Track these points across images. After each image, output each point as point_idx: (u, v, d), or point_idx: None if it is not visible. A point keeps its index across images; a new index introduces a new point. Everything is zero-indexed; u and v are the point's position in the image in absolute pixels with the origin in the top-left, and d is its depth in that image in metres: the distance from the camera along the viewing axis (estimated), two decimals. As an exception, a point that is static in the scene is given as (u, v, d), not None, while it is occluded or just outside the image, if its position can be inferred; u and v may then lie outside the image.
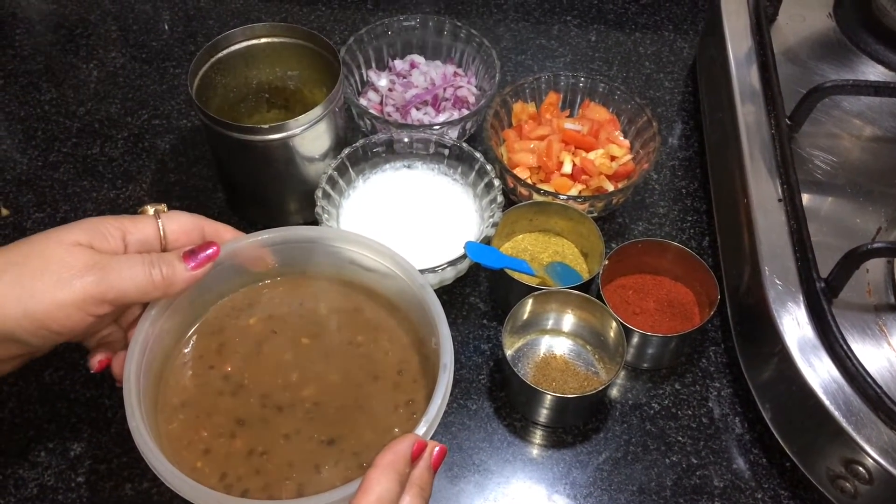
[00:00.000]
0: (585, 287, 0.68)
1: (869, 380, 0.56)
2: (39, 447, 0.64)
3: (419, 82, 0.84)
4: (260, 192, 0.75)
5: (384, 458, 0.47)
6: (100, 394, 0.66)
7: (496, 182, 0.72)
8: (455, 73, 0.86)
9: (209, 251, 0.55)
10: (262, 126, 0.67)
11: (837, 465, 0.57)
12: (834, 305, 0.60)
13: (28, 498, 0.61)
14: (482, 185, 0.74)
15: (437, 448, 0.49)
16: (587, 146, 0.79)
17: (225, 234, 0.59)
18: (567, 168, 0.77)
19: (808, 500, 0.62)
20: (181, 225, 0.57)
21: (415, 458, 0.48)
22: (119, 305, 0.53)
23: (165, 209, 0.57)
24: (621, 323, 0.64)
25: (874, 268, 0.64)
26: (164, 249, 0.56)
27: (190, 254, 0.55)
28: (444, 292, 0.72)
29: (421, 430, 0.51)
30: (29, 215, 0.78)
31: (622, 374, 0.69)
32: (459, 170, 0.76)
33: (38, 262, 0.50)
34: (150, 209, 0.57)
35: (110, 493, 0.61)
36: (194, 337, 0.61)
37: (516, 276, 0.68)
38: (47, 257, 0.50)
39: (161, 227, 0.56)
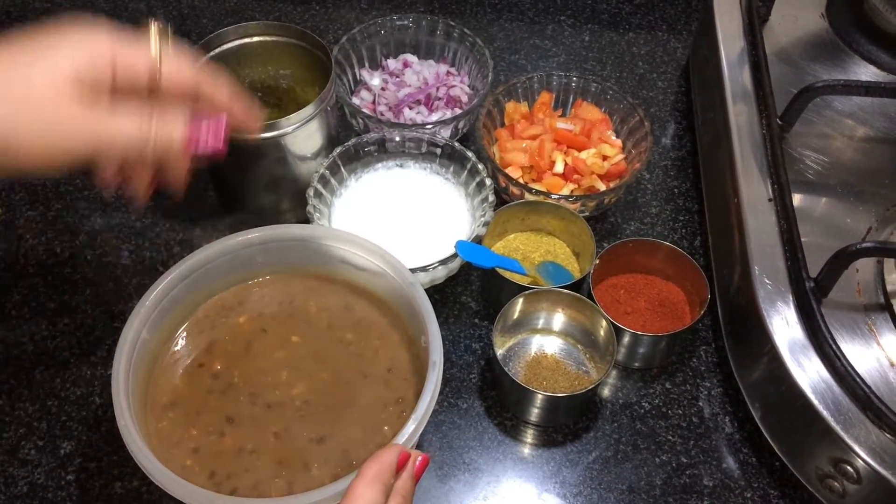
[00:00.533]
0: (577, 286, 0.68)
1: (858, 380, 0.56)
2: (29, 445, 0.64)
3: (412, 81, 0.85)
4: (252, 190, 0.75)
5: (370, 468, 0.47)
6: (90, 392, 0.66)
7: (488, 181, 0.72)
8: (448, 73, 0.86)
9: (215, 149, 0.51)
10: (254, 125, 0.67)
11: (826, 464, 0.57)
12: (823, 305, 0.60)
13: (18, 496, 0.61)
14: (474, 184, 0.74)
15: (419, 458, 0.49)
16: (579, 146, 0.79)
17: (220, 96, 0.54)
18: (559, 167, 0.77)
19: (798, 499, 0.62)
20: (179, 72, 0.52)
21: (399, 468, 0.48)
22: (103, 152, 0.49)
23: (169, 34, 0.51)
24: (612, 322, 0.64)
25: (864, 267, 0.64)
26: (152, 90, 0.51)
27: (193, 142, 0.50)
28: (435, 291, 0.73)
29: (410, 427, 0.52)
30: (21, 213, 0.78)
31: (613, 373, 0.69)
32: (451, 169, 0.76)
33: (23, 104, 0.45)
34: (154, 38, 0.51)
35: (100, 491, 0.61)
36: (184, 335, 0.62)
37: (508, 275, 0.68)
38: (35, 101, 0.45)
39: (158, 66, 0.50)
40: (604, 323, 0.65)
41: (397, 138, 0.76)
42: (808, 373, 0.58)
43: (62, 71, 0.47)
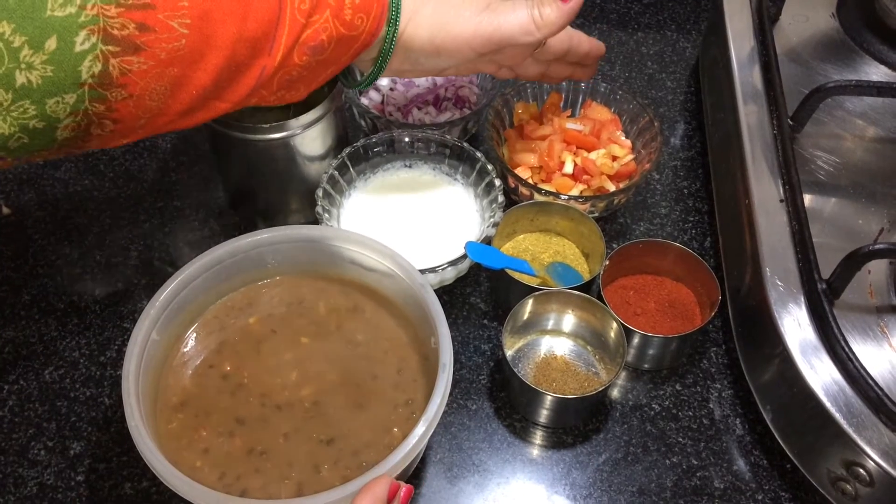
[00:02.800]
0: (586, 287, 0.68)
1: (870, 381, 0.56)
2: (39, 446, 0.64)
3: (421, 82, 0.84)
4: (261, 191, 0.75)
5: (363, 500, 0.47)
6: (100, 392, 0.67)
7: (497, 182, 0.72)
8: (457, 73, 0.86)
9: None
10: (263, 125, 0.67)
11: (838, 467, 0.57)
12: (835, 307, 0.60)
13: (27, 496, 0.61)
14: (483, 184, 0.74)
15: (404, 489, 0.49)
16: (589, 146, 0.78)
17: (584, 47, 0.70)
18: (568, 168, 0.77)
19: (809, 502, 0.62)
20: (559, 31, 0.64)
21: (390, 499, 0.48)
22: (501, 46, 0.61)
23: None
24: (622, 323, 0.64)
25: (876, 269, 0.63)
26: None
27: None
28: (444, 292, 0.72)
29: (420, 429, 0.51)
30: (30, 214, 0.78)
31: (623, 374, 0.69)
32: (460, 169, 0.76)
33: (452, 9, 0.60)
34: None
35: (109, 491, 0.61)
36: (193, 336, 0.62)
37: (517, 276, 0.68)
38: (458, 6, 0.60)
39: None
40: (614, 324, 0.65)
41: (406, 139, 0.76)
42: (820, 374, 0.58)
43: None
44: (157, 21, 0.47)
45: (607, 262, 0.68)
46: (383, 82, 0.85)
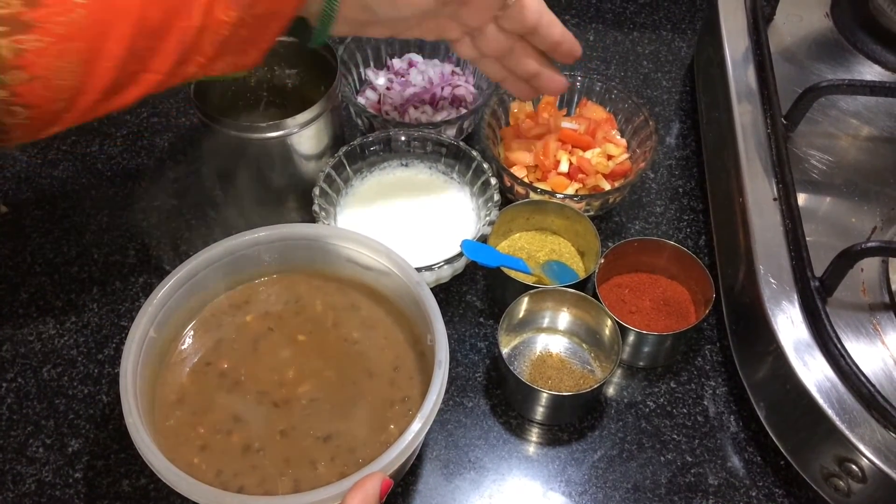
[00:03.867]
0: (582, 285, 0.68)
1: (863, 379, 0.56)
2: (37, 443, 0.64)
3: (417, 81, 0.85)
4: (257, 189, 0.75)
5: (354, 498, 0.47)
6: (98, 390, 0.67)
7: (493, 180, 0.73)
8: (453, 72, 0.86)
9: None
10: (260, 124, 0.67)
11: (831, 463, 0.57)
12: (828, 304, 0.60)
13: (26, 493, 0.61)
14: (479, 183, 0.74)
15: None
16: (584, 145, 0.79)
17: (554, 34, 0.66)
18: (564, 167, 0.77)
19: (802, 498, 0.62)
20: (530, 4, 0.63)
21: (382, 494, 0.49)
22: None
23: None
24: (617, 321, 0.65)
25: (869, 267, 0.64)
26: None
27: None
28: (440, 290, 0.73)
29: (416, 426, 0.52)
30: (28, 212, 0.78)
31: (618, 372, 0.69)
32: (457, 168, 0.77)
33: None
34: None
35: (107, 488, 0.62)
36: (191, 334, 0.62)
37: (513, 274, 0.68)
38: None
39: None
40: (609, 322, 0.65)
41: (402, 138, 0.76)
42: (813, 372, 0.58)
43: None
44: None
45: (602, 261, 0.68)
46: (380, 81, 0.85)
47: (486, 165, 0.74)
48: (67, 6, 0.44)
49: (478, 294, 0.74)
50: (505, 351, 0.66)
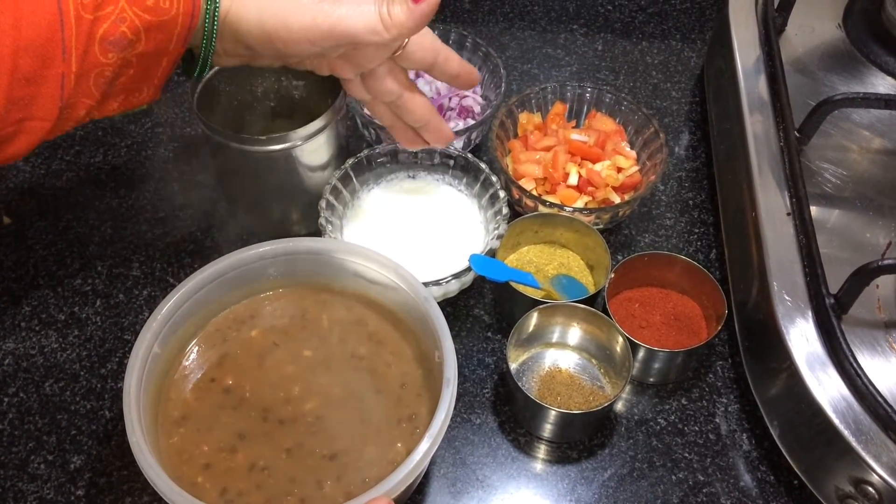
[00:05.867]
0: (591, 300, 0.67)
1: (879, 398, 0.55)
2: (39, 460, 0.63)
3: (424, 92, 0.84)
4: (262, 202, 0.74)
5: None
6: (100, 405, 0.66)
7: (501, 193, 0.72)
8: (460, 83, 0.85)
9: None
10: (262, 137, 0.66)
11: (846, 483, 0.56)
12: (843, 321, 0.59)
13: (27, 511, 0.61)
14: (487, 196, 0.74)
15: None
16: (593, 157, 0.78)
17: (452, 67, 0.63)
18: (573, 179, 0.76)
19: (817, 518, 0.61)
20: (423, 39, 0.61)
21: None
22: (345, 43, 0.56)
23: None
24: (627, 337, 0.64)
25: (884, 284, 0.63)
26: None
27: None
28: (448, 305, 0.72)
29: (424, 445, 0.51)
30: (31, 224, 0.78)
31: (628, 388, 0.68)
32: (464, 180, 0.76)
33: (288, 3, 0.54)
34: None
35: (110, 506, 0.61)
36: (195, 349, 0.61)
37: (521, 288, 0.67)
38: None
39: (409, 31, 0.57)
40: (619, 338, 0.64)
41: (409, 149, 0.75)
42: (828, 390, 0.57)
43: None
44: None
45: (612, 275, 0.68)
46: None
47: (494, 178, 0.73)
48: None
49: (485, 308, 0.73)
50: (513, 366, 0.65)
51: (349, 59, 0.60)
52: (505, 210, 0.71)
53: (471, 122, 0.83)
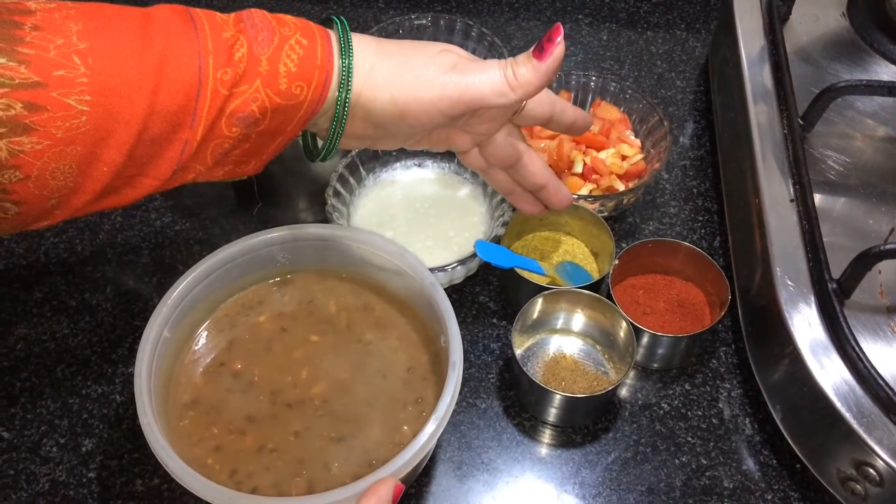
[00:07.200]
0: (596, 287, 0.68)
1: (880, 381, 0.56)
2: (51, 443, 0.64)
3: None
4: (270, 190, 0.75)
5: (368, 502, 0.47)
6: (111, 390, 0.67)
7: (507, 181, 0.72)
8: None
9: (556, 40, 0.54)
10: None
11: (848, 466, 0.57)
12: (845, 306, 0.60)
13: (40, 493, 0.61)
14: (493, 183, 0.74)
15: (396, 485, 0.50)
16: (598, 145, 0.78)
17: (567, 117, 0.63)
18: (578, 167, 0.77)
19: (819, 501, 0.62)
20: (543, 95, 0.61)
21: (395, 499, 0.49)
22: (472, 108, 0.55)
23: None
24: (631, 323, 0.64)
25: (887, 269, 0.63)
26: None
27: (538, 50, 0.55)
28: (453, 291, 0.73)
29: (430, 427, 0.52)
30: (42, 212, 0.78)
31: (632, 374, 0.69)
32: (470, 168, 0.76)
33: (418, 58, 0.55)
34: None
35: (121, 488, 0.62)
36: (205, 334, 0.62)
37: (526, 275, 0.68)
38: (426, 55, 0.55)
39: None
40: (623, 324, 0.65)
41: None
42: (830, 374, 0.58)
43: (446, 48, 0.57)
44: (50, 100, 0.43)
45: (617, 262, 0.68)
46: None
47: (499, 166, 0.73)
48: (71, 112, 0.44)
49: (491, 295, 0.74)
50: (518, 352, 0.66)
51: (470, 128, 0.60)
52: (510, 197, 0.71)
53: (476, 110, 0.83)
